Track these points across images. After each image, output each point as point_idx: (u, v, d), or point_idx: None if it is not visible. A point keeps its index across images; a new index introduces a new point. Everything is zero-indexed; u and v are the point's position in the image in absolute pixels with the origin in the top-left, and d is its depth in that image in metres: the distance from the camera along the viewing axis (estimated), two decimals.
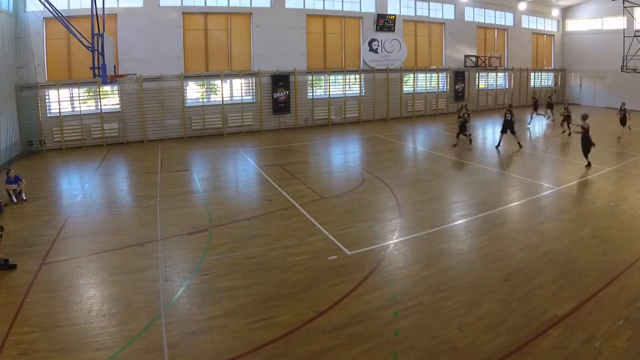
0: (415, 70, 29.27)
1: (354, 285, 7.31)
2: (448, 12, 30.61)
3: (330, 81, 26.28)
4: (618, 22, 31.78)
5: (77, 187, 13.83)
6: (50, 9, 14.02)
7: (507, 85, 34.73)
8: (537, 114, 26.10)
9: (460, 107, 21.59)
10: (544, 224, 10.13)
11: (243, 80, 23.92)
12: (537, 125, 25.49)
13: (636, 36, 28.95)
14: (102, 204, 12.03)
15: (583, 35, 36.14)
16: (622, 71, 30.19)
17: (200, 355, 5.60)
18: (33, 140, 18.91)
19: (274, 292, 7.18)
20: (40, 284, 7.40)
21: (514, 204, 11.70)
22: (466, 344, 5.79)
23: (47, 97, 19.58)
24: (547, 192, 12.62)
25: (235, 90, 24.17)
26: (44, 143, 19.19)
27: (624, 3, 28.17)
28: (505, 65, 33.85)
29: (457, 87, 31.13)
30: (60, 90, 19.51)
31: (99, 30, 14.34)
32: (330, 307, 6.67)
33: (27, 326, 6.15)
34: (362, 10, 27.11)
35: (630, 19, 30.02)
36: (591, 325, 6.06)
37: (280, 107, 24.50)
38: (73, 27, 14.17)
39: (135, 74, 18.48)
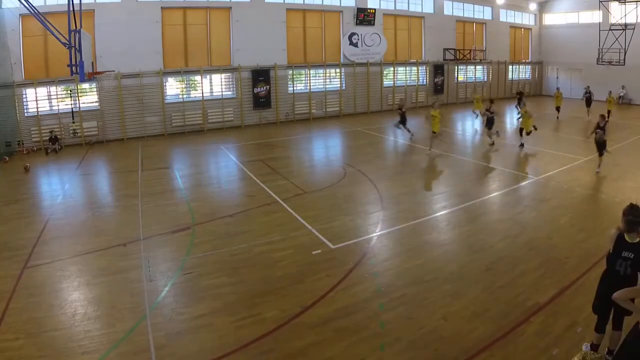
0: (395, 63, 29.38)
1: (338, 279, 7.36)
2: (427, 6, 30.75)
3: (311, 75, 26.24)
4: (594, 16, 32.41)
5: (57, 188, 13.59)
6: (27, 5, 13.70)
7: (485, 78, 35.11)
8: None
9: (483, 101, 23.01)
10: (523, 214, 10.33)
11: (223, 76, 23.72)
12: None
13: (611, 30, 29.54)
14: (83, 205, 11.86)
15: (560, 29, 36.71)
16: (597, 64, 30.85)
17: (187, 355, 5.59)
18: (11, 140, 18.47)
19: (259, 288, 7.19)
20: (23, 289, 7.26)
21: (494, 194, 11.87)
22: (452, 333, 5.88)
23: (24, 96, 19.13)
24: (526, 182, 12.85)
25: (215, 85, 23.96)
26: (22, 144, 18.78)
27: None
28: (484, 58, 34.15)
29: (436, 80, 31.35)
30: (37, 89, 19.09)
31: (76, 27, 14.09)
32: (316, 302, 6.71)
33: (11, 333, 6.04)
34: (342, 4, 27.08)
35: (606, 13, 30.59)
36: (573, 311, 6.22)
37: (261, 102, 24.37)
38: (50, 23, 13.89)
39: (113, 71, 18.18)
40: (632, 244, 4.87)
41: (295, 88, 25.97)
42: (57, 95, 19.77)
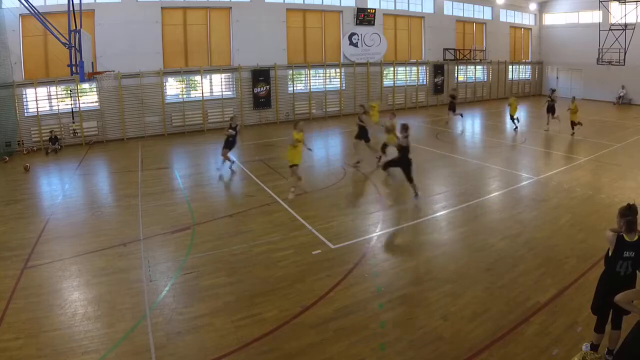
0: (395, 63, 29.38)
1: (338, 279, 7.36)
2: (427, 6, 30.74)
3: (311, 75, 26.25)
4: (594, 16, 32.46)
5: (57, 188, 13.59)
6: (27, 5, 13.71)
7: (485, 78, 35.12)
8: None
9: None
10: (523, 214, 10.33)
11: (223, 76, 23.72)
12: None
13: (611, 30, 29.56)
14: (83, 205, 11.85)
15: (560, 29, 36.73)
16: (597, 64, 30.89)
17: (187, 355, 5.59)
18: (11, 141, 18.44)
19: (259, 288, 7.19)
20: (23, 289, 7.26)
21: (494, 194, 11.87)
22: (451, 333, 5.89)
23: (24, 96, 19.12)
24: (526, 182, 12.85)
25: (215, 85, 23.96)
26: (22, 144, 18.78)
27: None
28: (484, 58, 34.13)
29: (436, 80, 31.35)
30: (37, 89, 19.08)
31: (76, 27, 14.10)
32: (316, 302, 6.71)
33: (11, 333, 6.05)
34: (342, 4, 27.08)
35: (606, 13, 30.62)
36: (573, 311, 6.22)
37: (261, 102, 24.37)
38: (50, 23, 13.92)
39: (113, 71, 18.19)
40: (632, 242, 4.88)
41: (295, 88, 25.97)
42: (57, 95, 19.75)
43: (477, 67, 34.66)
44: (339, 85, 27.52)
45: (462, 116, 23.18)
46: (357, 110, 16.43)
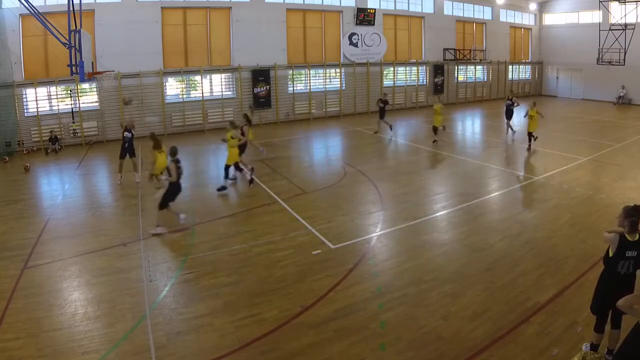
0: (395, 63, 29.37)
1: (338, 279, 7.36)
2: (427, 6, 30.74)
3: (311, 75, 26.25)
4: (594, 16, 32.48)
5: (57, 188, 13.59)
6: (27, 5, 13.71)
7: (485, 78, 35.11)
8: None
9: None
10: (523, 214, 10.34)
11: (223, 76, 23.73)
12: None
13: (611, 30, 29.57)
14: (83, 205, 11.85)
15: (560, 29, 36.72)
16: (597, 64, 30.90)
17: (187, 355, 5.59)
18: (11, 141, 18.44)
19: (259, 288, 7.19)
20: (23, 289, 7.27)
21: (494, 194, 11.88)
22: (451, 333, 5.89)
23: (24, 96, 19.12)
24: (526, 182, 12.85)
25: (215, 85, 23.97)
26: (22, 144, 18.77)
27: None
28: (484, 58, 34.11)
29: (436, 80, 31.33)
30: (37, 89, 19.07)
31: (76, 27, 14.09)
32: (316, 302, 6.71)
33: (11, 333, 6.05)
34: (342, 4, 27.08)
35: (606, 13, 30.63)
36: (573, 311, 6.23)
37: (261, 102, 24.37)
38: (50, 23, 13.91)
39: (113, 71, 18.17)
40: (634, 241, 4.89)
41: (295, 88, 25.97)
42: (57, 95, 19.75)
43: (477, 67, 34.67)
44: (339, 85, 27.52)
45: (391, 128, 20.39)
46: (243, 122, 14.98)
